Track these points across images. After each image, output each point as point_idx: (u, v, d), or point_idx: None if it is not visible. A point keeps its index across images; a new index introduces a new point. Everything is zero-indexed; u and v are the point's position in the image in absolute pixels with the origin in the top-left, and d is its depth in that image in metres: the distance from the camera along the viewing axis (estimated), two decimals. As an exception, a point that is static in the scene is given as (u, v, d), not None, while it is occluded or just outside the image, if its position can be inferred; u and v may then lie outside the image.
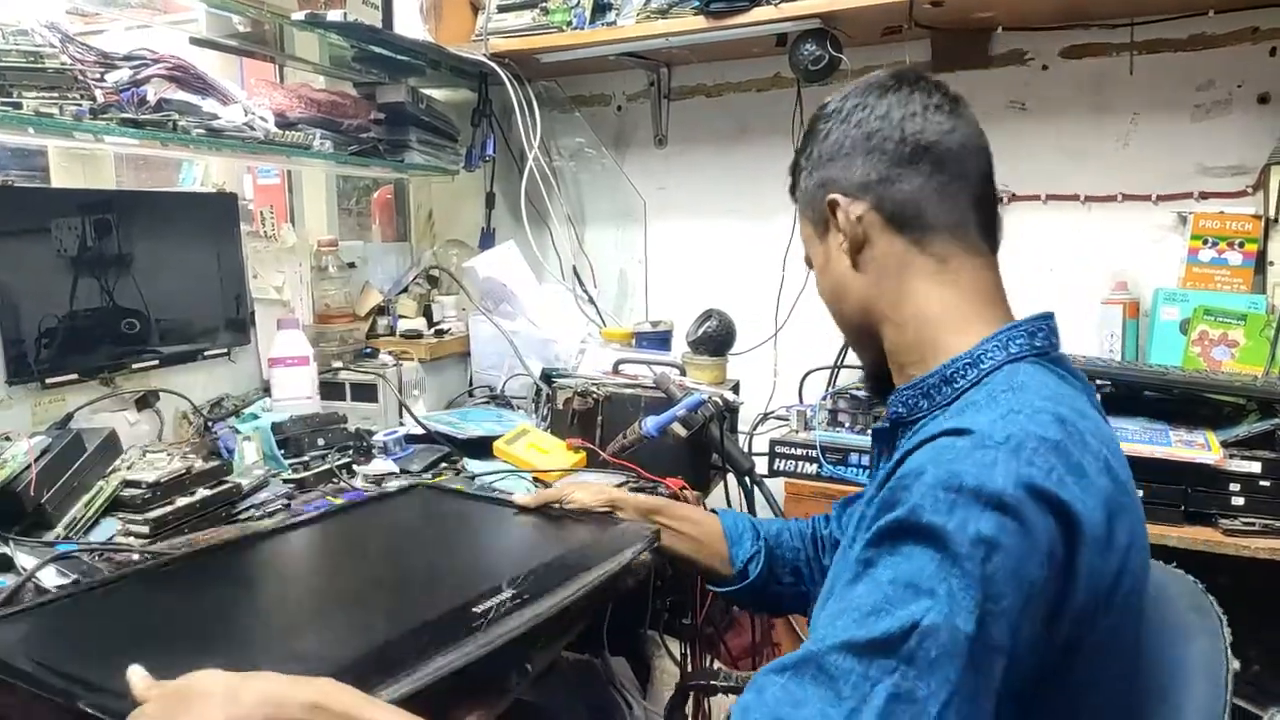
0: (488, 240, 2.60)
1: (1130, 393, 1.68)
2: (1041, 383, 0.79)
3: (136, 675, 0.76)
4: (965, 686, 0.64)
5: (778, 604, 1.27)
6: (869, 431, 1.43)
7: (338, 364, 2.04)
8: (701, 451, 1.67)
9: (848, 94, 0.93)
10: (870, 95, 0.91)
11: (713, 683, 1.29)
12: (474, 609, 0.98)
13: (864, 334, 0.94)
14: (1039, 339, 0.84)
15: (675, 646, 1.66)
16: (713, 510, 1.32)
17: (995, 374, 0.81)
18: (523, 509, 1.34)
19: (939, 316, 0.87)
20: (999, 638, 0.65)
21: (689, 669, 1.62)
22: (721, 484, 1.80)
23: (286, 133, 1.85)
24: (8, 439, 1.35)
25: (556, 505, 1.32)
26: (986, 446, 0.70)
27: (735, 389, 1.93)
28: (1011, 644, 0.66)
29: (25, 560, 1.15)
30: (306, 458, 1.65)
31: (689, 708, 1.50)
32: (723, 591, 1.25)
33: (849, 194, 0.89)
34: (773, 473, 1.82)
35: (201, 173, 2.11)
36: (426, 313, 2.34)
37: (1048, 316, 0.87)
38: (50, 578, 1.12)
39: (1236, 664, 0.76)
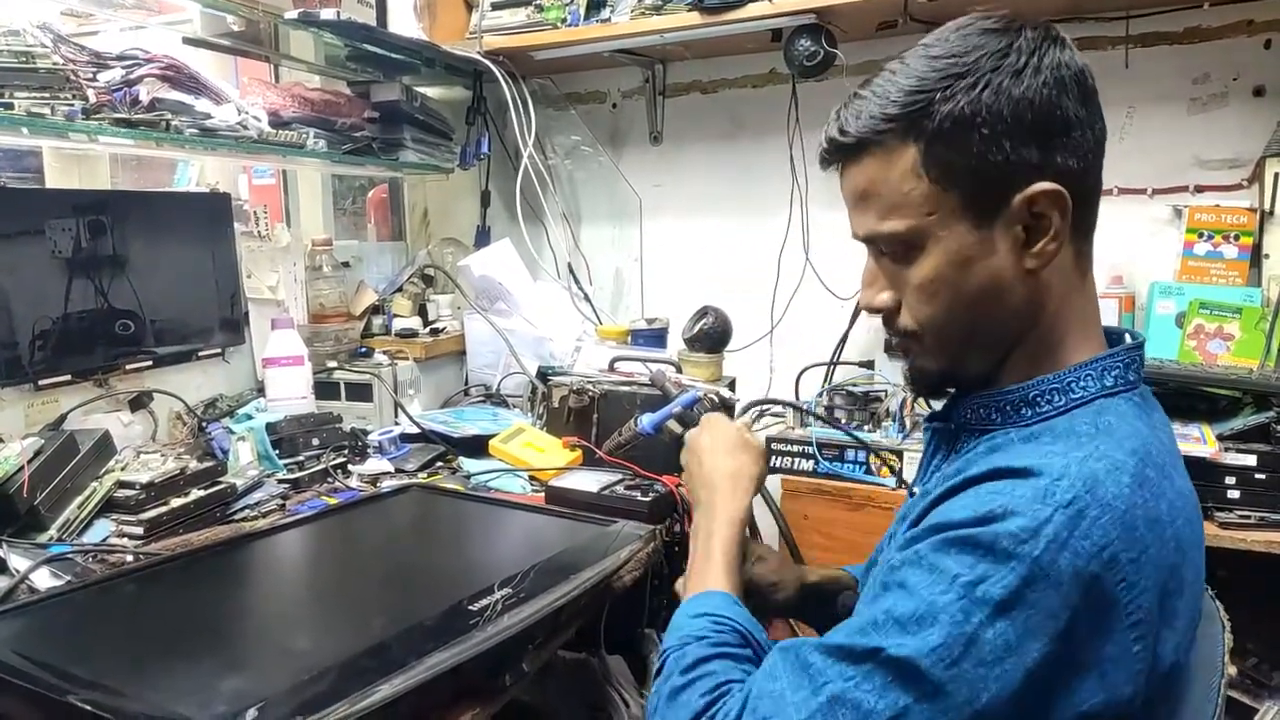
0: (483, 238, 2.59)
1: (1126, 387, 1.68)
2: (1132, 429, 0.71)
3: None
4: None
5: None
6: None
7: (332, 364, 2.03)
8: (698, 448, 1.66)
9: (1029, 41, 0.72)
10: (1063, 52, 0.73)
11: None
12: (469, 608, 0.98)
13: (999, 345, 0.79)
14: (1133, 371, 0.76)
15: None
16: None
17: (1084, 406, 0.74)
18: None
19: (1064, 340, 0.77)
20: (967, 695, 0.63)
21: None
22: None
23: (280, 132, 1.85)
24: (0, 440, 1.35)
25: None
26: (1045, 503, 0.64)
27: (731, 386, 1.93)
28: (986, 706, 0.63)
29: (18, 562, 1.14)
30: (301, 458, 1.65)
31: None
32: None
33: (1057, 185, 0.72)
34: (769, 469, 1.81)
35: (196, 173, 2.11)
36: (422, 312, 2.34)
37: (1140, 345, 0.79)
38: (44, 579, 1.12)
39: (1233, 670, 0.75)
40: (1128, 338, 0.80)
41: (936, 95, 0.71)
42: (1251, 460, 1.50)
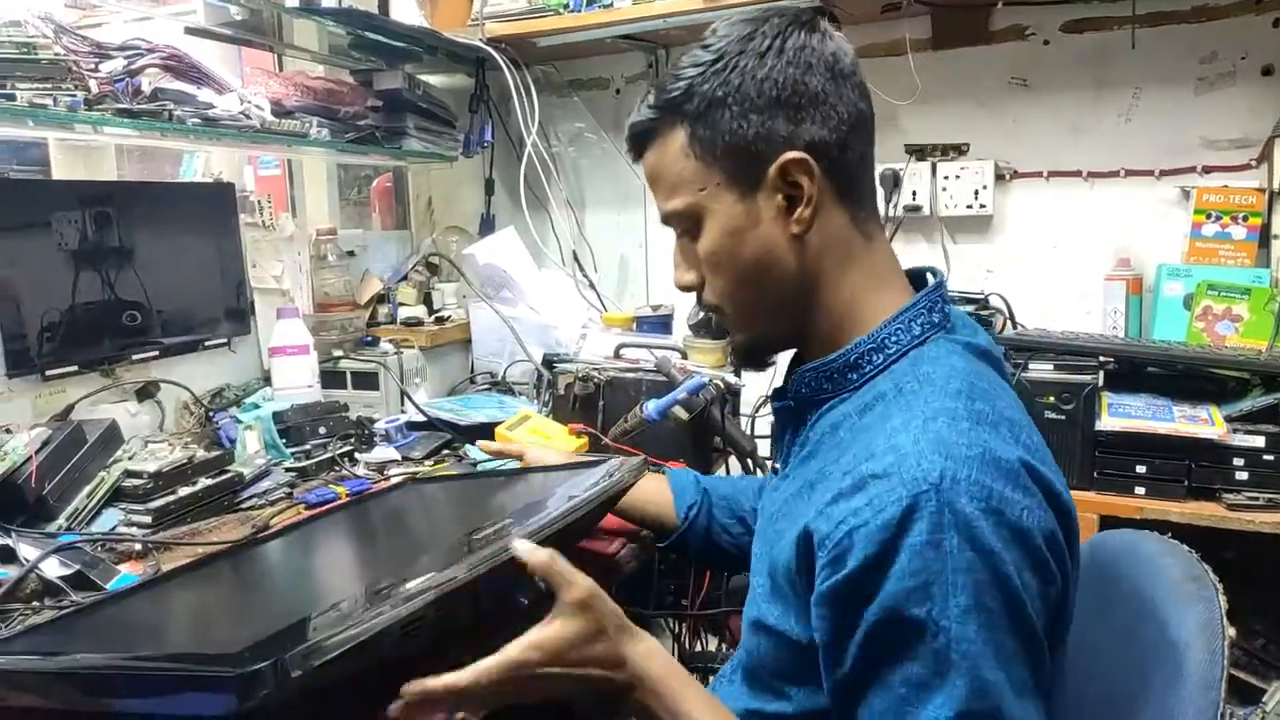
0: (487, 227, 2.59)
1: (1134, 369, 1.68)
2: (949, 368, 0.76)
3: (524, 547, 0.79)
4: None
5: (719, 552, 1.22)
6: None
7: (338, 352, 2.03)
8: (703, 434, 1.66)
9: (774, 26, 0.82)
10: (810, 36, 0.81)
11: (712, 664, 1.30)
12: (476, 537, 0.92)
13: (787, 311, 0.85)
14: (937, 312, 0.82)
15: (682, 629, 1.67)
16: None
17: (901, 360, 0.79)
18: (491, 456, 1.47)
19: (860, 298, 0.83)
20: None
21: (686, 650, 1.62)
22: (723, 466, 1.80)
23: (283, 121, 1.85)
24: (8, 431, 1.36)
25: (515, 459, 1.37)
26: (924, 491, 0.66)
27: (737, 372, 1.92)
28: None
29: (28, 552, 1.15)
30: (308, 446, 1.65)
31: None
32: (669, 543, 1.23)
33: (805, 154, 0.79)
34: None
35: (202, 164, 2.11)
36: (427, 300, 2.34)
37: (937, 286, 0.84)
38: (53, 569, 1.12)
39: (1233, 631, 0.76)
40: (929, 277, 0.86)
41: (695, 81, 0.81)
42: (1260, 441, 1.49)
